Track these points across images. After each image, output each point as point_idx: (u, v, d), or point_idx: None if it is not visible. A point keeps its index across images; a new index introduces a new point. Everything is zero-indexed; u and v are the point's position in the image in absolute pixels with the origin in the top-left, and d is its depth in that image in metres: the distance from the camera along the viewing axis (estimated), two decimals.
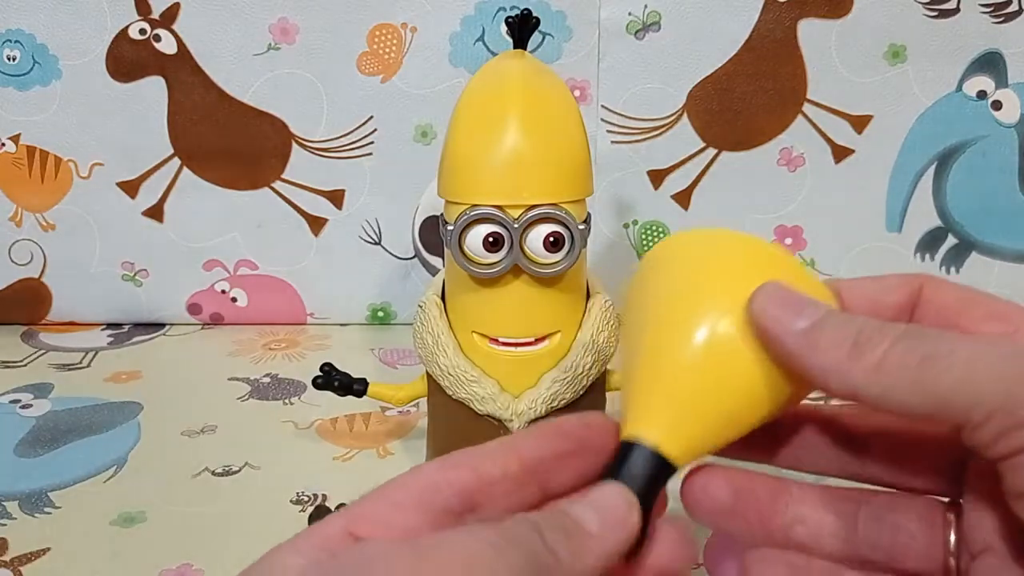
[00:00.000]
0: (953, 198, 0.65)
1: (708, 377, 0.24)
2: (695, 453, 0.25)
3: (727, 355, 0.24)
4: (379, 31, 0.63)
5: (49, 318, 0.71)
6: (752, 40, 0.62)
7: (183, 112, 0.64)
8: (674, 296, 0.25)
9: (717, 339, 0.24)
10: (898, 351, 0.22)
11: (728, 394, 0.24)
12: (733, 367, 0.24)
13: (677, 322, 0.25)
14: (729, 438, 0.25)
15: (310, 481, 0.46)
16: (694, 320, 0.24)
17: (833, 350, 0.23)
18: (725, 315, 0.24)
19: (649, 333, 0.25)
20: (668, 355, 0.25)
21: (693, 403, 0.24)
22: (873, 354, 0.22)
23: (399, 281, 0.69)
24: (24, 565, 0.40)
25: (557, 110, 0.39)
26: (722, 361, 0.24)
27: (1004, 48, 0.62)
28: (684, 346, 0.24)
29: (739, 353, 0.24)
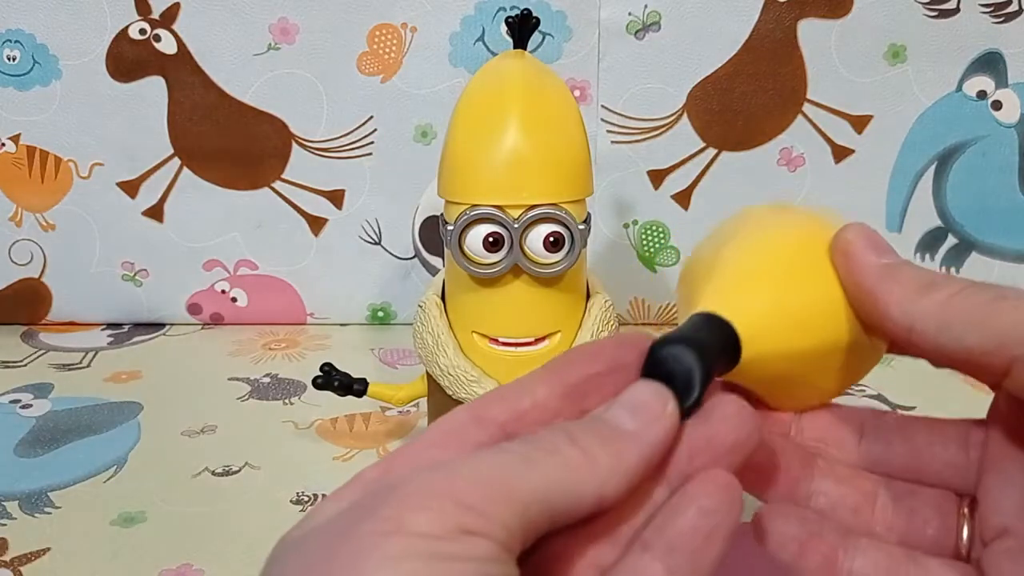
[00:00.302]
0: (953, 198, 0.65)
1: (792, 271, 0.25)
2: (760, 330, 0.24)
3: (814, 262, 0.25)
4: (379, 31, 0.63)
5: (49, 318, 0.71)
6: (752, 40, 0.62)
7: (183, 112, 0.64)
8: (765, 223, 0.26)
9: (809, 246, 0.25)
10: (967, 293, 0.22)
11: (805, 296, 0.24)
12: (816, 275, 0.25)
13: (770, 230, 0.26)
14: (789, 347, 0.24)
15: (310, 481, 0.46)
16: (788, 231, 0.26)
17: (906, 283, 0.23)
18: (817, 238, 0.25)
19: (738, 238, 0.26)
20: (758, 244, 0.25)
21: (771, 285, 0.24)
22: (942, 293, 0.23)
23: (399, 281, 0.69)
24: (24, 565, 0.40)
25: (557, 110, 0.39)
26: (808, 264, 0.25)
27: (1004, 48, 0.62)
28: (776, 240, 0.25)
29: (824, 269, 0.25)
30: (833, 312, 0.25)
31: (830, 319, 0.25)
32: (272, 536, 0.22)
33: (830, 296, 0.25)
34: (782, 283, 0.24)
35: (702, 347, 0.22)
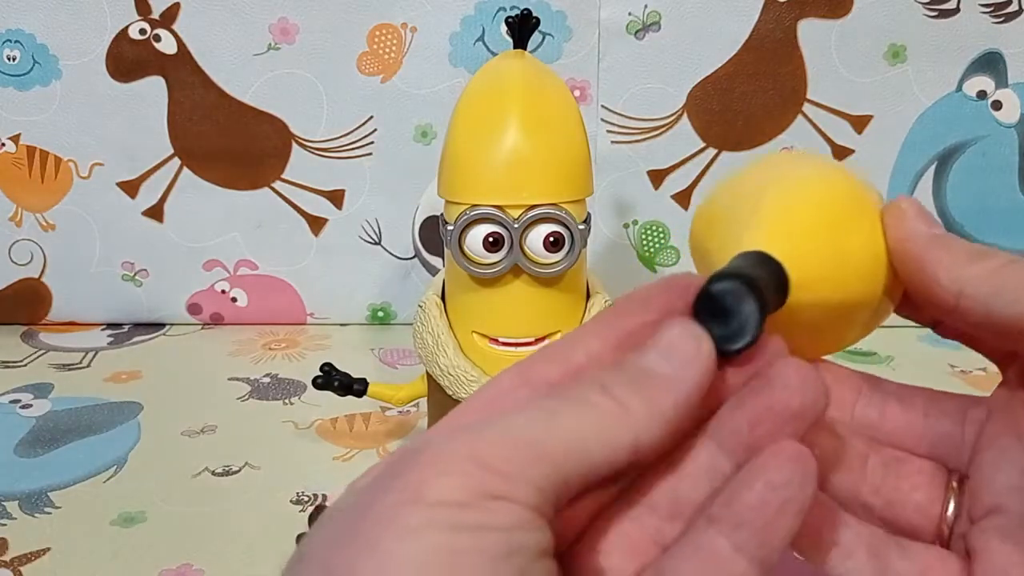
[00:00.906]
0: (953, 198, 0.65)
1: (841, 220, 0.24)
2: (809, 276, 0.23)
3: (860, 215, 0.25)
4: (379, 31, 0.63)
5: (49, 318, 0.71)
6: (752, 40, 0.62)
7: (183, 112, 0.64)
8: (803, 170, 0.26)
9: (854, 198, 0.25)
10: (1018, 264, 0.23)
11: (853, 248, 0.24)
12: (863, 228, 0.25)
13: (812, 176, 0.26)
14: (831, 297, 0.24)
15: (310, 481, 0.46)
16: (831, 180, 0.26)
17: (956, 252, 0.23)
18: (858, 191, 0.25)
19: (780, 181, 0.26)
20: (805, 189, 0.25)
21: (824, 232, 0.24)
22: (992, 262, 0.23)
23: (399, 281, 0.69)
24: (24, 565, 0.40)
25: (557, 110, 0.39)
26: (855, 216, 0.25)
27: (1004, 48, 0.62)
28: (823, 187, 0.25)
29: (869, 223, 0.25)
30: (874, 268, 0.25)
31: (871, 275, 0.25)
32: (272, 536, 0.22)
33: (874, 252, 0.25)
34: (833, 231, 0.24)
35: (758, 285, 0.21)
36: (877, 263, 0.25)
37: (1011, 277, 0.22)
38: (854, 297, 0.25)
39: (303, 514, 0.42)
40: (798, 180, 0.26)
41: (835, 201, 0.25)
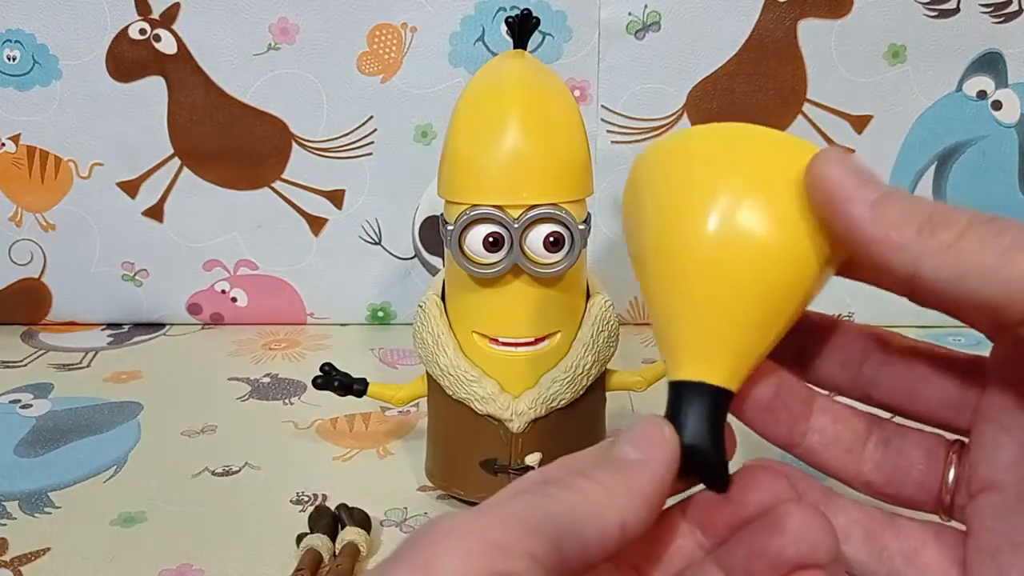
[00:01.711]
0: (953, 198, 0.65)
1: (728, 285, 0.23)
2: (740, 370, 0.24)
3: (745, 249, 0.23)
4: (379, 31, 0.63)
5: (49, 318, 0.71)
6: (752, 40, 0.62)
7: (183, 112, 0.64)
8: (673, 203, 0.24)
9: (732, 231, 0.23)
10: (976, 234, 0.20)
11: (756, 294, 0.23)
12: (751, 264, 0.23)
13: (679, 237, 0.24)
14: (776, 331, 0.24)
15: (310, 481, 0.46)
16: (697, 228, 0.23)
17: (903, 225, 0.21)
18: (738, 202, 0.23)
19: (652, 258, 0.25)
20: (679, 281, 0.24)
21: (720, 322, 0.23)
22: (947, 233, 0.21)
23: (399, 281, 0.69)
24: (24, 565, 0.40)
25: (557, 110, 0.39)
26: (740, 258, 0.23)
27: (1004, 48, 0.62)
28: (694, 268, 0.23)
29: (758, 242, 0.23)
30: (804, 280, 0.23)
31: (802, 288, 0.24)
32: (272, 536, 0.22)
33: (799, 269, 0.23)
34: (752, 320, 0.23)
35: (716, 434, 0.24)
36: (808, 270, 0.23)
37: (971, 259, 0.20)
38: (798, 313, 0.24)
39: (303, 514, 0.42)
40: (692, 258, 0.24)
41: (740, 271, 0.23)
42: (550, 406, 0.41)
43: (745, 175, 0.24)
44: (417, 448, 0.47)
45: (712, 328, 0.24)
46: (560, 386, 0.41)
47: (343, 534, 0.40)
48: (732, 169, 0.24)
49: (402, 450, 0.50)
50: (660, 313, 0.25)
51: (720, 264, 0.23)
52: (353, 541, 0.39)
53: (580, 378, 0.41)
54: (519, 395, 0.41)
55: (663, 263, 0.24)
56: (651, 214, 0.25)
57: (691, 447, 0.23)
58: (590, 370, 0.41)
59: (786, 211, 0.23)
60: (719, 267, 0.23)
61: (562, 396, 0.41)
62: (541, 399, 0.40)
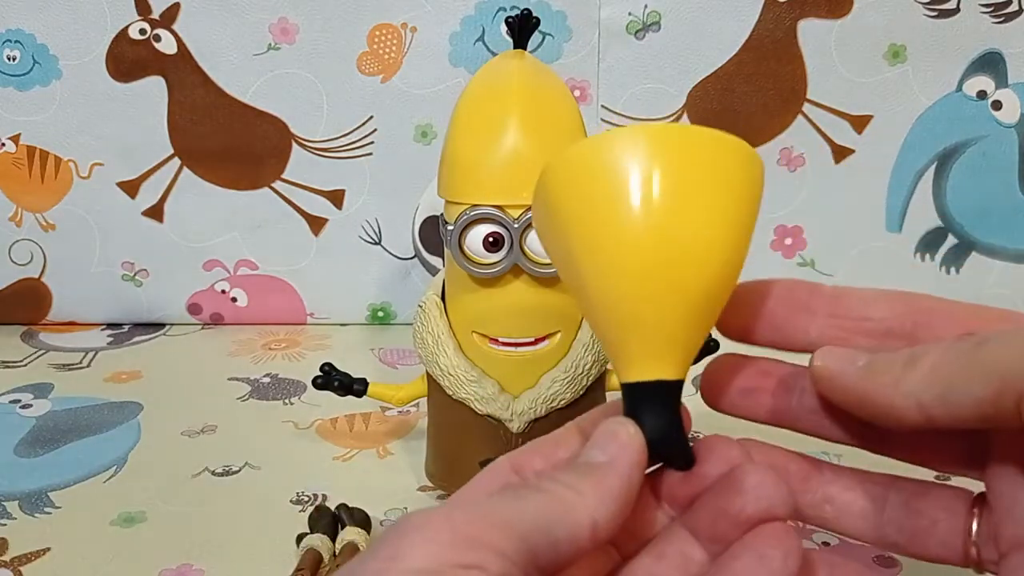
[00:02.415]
0: (953, 198, 0.65)
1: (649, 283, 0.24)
2: (688, 359, 0.25)
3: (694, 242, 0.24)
4: (379, 31, 0.63)
5: (49, 318, 0.71)
6: (752, 40, 0.62)
7: (183, 112, 0.64)
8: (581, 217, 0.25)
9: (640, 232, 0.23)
10: (949, 350, 0.23)
11: (696, 290, 0.24)
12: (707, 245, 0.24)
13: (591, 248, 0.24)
14: (715, 316, 0.25)
15: (310, 481, 0.46)
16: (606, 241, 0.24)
17: (889, 369, 0.23)
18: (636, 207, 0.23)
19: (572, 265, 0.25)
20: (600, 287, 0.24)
21: (665, 321, 0.24)
22: (926, 359, 0.23)
23: (399, 281, 0.69)
24: (24, 565, 0.40)
25: (557, 110, 0.39)
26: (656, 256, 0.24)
27: (1004, 48, 0.62)
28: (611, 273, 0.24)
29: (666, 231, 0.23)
30: (736, 265, 0.25)
31: (735, 272, 0.25)
32: (272, 536, 0.22)
33: (732, 257, 0.24)
34: (695, 313, 0.24)
35: (678, 423, 0.25)
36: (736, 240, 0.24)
37: (952, 368, 0.22)
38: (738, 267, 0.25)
39: (303, 514, 0.42)
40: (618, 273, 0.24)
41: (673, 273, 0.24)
42: (550, 406, 0.41)
43: (670, 173, 0.24)
44: (417, 448, 0.47)
45: (658, 328, 0.24)
46: (560, 386, 0.41)
47: (343, 534, 0.40)
48: (656, 169, 0.24)
49: (402, 450, 0.50)
50: (601, 319, 0.25)
51: (658, 266, 0.24)
52: (353, 541, 0.39)
53: (580, 378, 0.41)
54: (519, 395, 0.41)
55: (598, 270, 0.24)
56: (578, 223, 0.25)
57: (657, 441, 0.24)
58: (590, 370, 0.41)
59: (713, 203, 0.24)
60: (657, 269, 0.24)
61: (562, 396, 0.41)
62: (541, 399, 0.40)
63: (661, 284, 0.24)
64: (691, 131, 0.25)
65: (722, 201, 0.24)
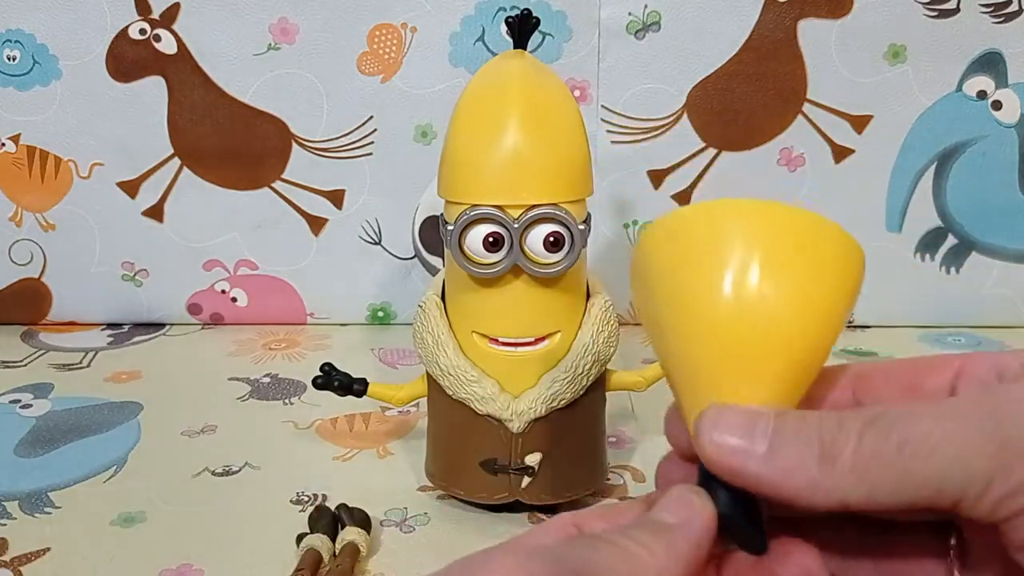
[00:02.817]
0: (953, 198, 0.65)
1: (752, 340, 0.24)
2: None
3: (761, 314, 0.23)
4: (379, 31, 0.63)
5: (49, 318, 0.71)
6: (752, 40, 0.62)
7: (183, 112, 0.64)
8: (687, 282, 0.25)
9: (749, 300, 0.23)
10: (869, 445, 0.21)
11: (778, 362, 0.24)
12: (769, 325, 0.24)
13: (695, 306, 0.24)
14: (799, 393, 0.25)
15: (310, 481, 0.46)
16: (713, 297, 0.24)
17: (803, 467, 0.22)
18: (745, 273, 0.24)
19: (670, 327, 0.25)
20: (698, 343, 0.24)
21: (746, 392, 0.24)
22: (844, 455, 0.22)
23: (399, 281, 0.69)
24: (24, 565, 0.40)
25: (557, 110, 0.39)
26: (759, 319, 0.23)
27: (1004, 48, 0.62)
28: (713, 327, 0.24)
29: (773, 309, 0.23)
30: (822, 339, 0.24)
31: (819, 347, 0.24)
32: (272, 536, 0.22)
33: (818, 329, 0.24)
34: (776, 386, 0.24)
35: (749, 503, 0.24)
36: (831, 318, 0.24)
37: (874, 469, 0.21)
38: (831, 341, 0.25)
39: (303, 514, 0.42)
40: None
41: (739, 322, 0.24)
42: (550, 406, 0.41)
43: (766, 253, 0.24)
44: (417, 448, 0.47)
45: (738, 398, 0.24)
46: (560, 386, 0.41)
47: (343, 534, 0.40)
48: (754, 248, 0.24)
49: (402, 450, 0.50)
50: (685, 388, 0.25)
51: (739, 345, 0.24)
52: (353, 541, 0.39)
53: (580, 378, 0.41)
54: (519, 395, 0.41)
55: (685, 338, 0.25)
56: (664, 292, 0.25)
57: (726, 516, 0.24)
58: (590, 370, 0.41)
59: (805, 290, 0.24)
60: (738, 348, 0.24)
61: (562, 396, 0.41)
62: (541, 399, 0.40)
63: (739, 363, 0.24)
64: (796, 214, 0.25)
65: (814, 289, 0.24)
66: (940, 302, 0.67)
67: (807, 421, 0.23)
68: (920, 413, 0.22)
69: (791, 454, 0.22)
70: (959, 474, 0.21)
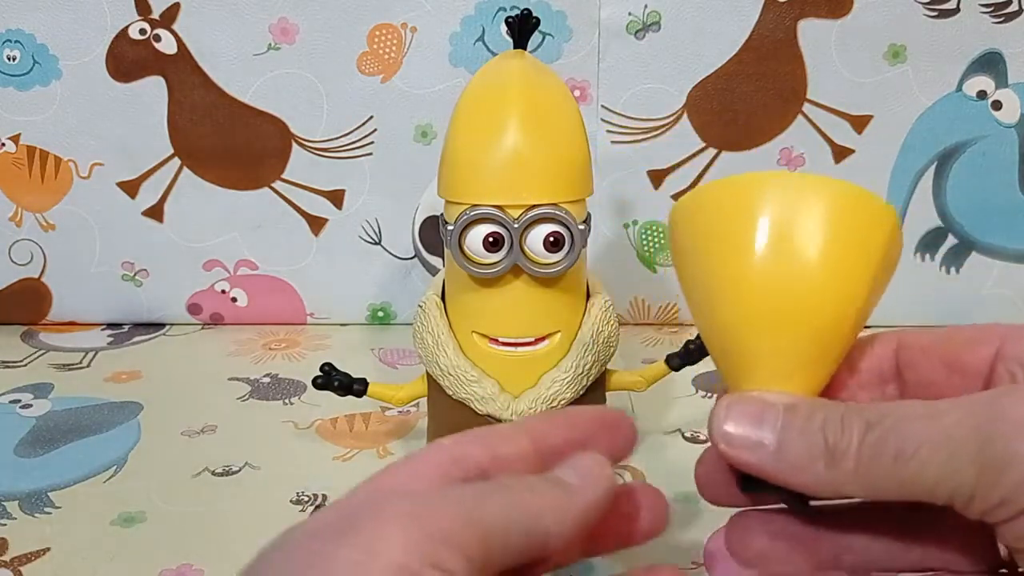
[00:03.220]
0: (953, 198, 0.65)
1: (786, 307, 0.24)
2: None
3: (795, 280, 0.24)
4: (379, 31, 0.63)
5: (49, 318, 0.71)
6: (752, 40, 0.62)
7: (183, 112, 0.64)
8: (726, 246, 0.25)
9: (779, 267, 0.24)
10: (868, 452, 0.23)
11: (809, 329, 0.24)
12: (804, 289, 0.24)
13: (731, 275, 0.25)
14: (834, 356, 0.25)
15: (310, 481, 0.46)
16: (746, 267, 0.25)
17: (810, 465, 0.23)
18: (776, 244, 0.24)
19: (705, 290, 0.26)
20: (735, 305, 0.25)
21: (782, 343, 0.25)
22: (847, 459, 0.23)
23: (399, 281, 0.69)
24: (24, 565, 0.40)
25: (557, 110, 0.39)
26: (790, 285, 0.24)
27: (1004, 48, 0.62)
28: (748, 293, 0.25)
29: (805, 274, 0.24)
30: (852, 310, 0.25)
31: (851, 317, 0.25)
32: (272, 536, 0.22)
33: (848, 300, 0.25)
34: (809, 351, 0.25)
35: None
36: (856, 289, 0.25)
37: (873, 472, 0.23)
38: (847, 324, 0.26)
39: (303, 514, 0.42)
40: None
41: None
42: (550, 406, 0.41)
43: (782, 213, 0.25)
44: (417, 448, 0.47)
45: (770, 361, 0.25)
46: (560, 386, 0.41)
47: None
48: (770, 209, 0.25)
49: (402, 450, 0.50)
50: (719, 350, 0.26)
51: (770, 309, 0.24)
52: None
53: (580, 378, 0.41)
54: (519, 395, 0.41)
55: (716, 313, 0.25)
56: (698, 262, 0.26)
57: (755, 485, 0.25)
58: (590, 370, 0.41)
59: (824, 244, 0.24)
60: (769, 311, 0.24)
61: (562, 396, 0.41)
62: (541, 399, 0.40)
63: (768, 329, 0.24)
64: (835, 185, 0.25)
65: (843, 255, 0.25)
66: (940, 302, 0.67)
67: (813, 419, 0.24)
68: (915, 424, 0.23)
69: (799, 452, 0.24)
70: (948, 484, 0.22)
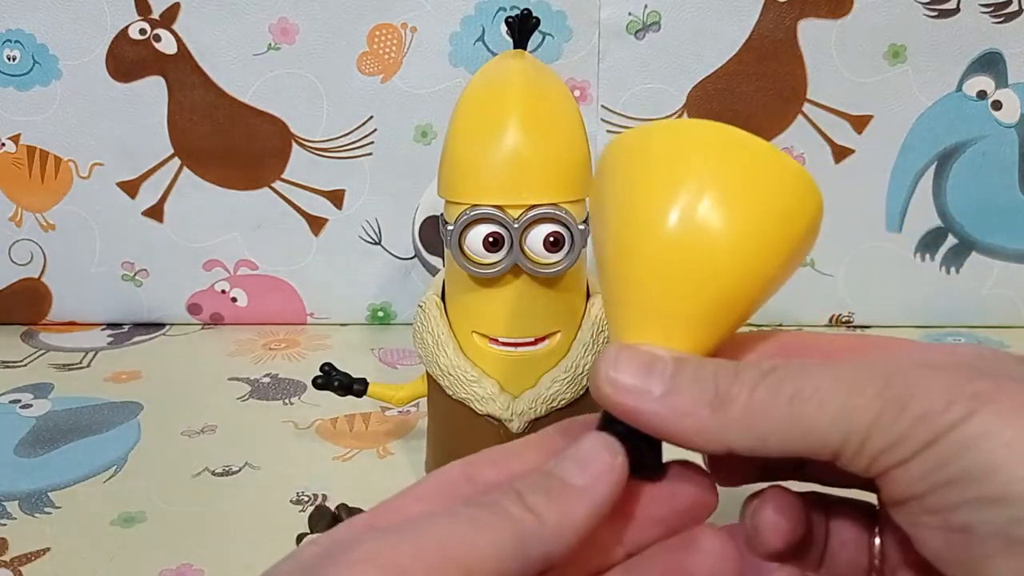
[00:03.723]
0: (953, 198, 0.65)
1: (683, 265, 0.23)
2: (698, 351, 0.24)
3: (700, 235, 0.23)
4: (379, 31, 0.63)
5: (49, 318, 0.71)
6: (752, 40, 0.62)
7: (183, 112, 0.64)
8: (633, 192, 0.24)
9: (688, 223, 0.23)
10: (761, 395, 0.21)
11: (708, 293, 0.23)
12: (709, 248, 0.23)
13: (639, 218, 0.24)
14: (728, 327, 0.24)
15: (310, 481, 0.46)
16: (657, 212, 0.23)
17: (696, 411, 0.22)
18: (692, 197, 0.23)
19: (612, 238, 0.25)
20: (636, 253, 0.24)
21: (674, 300, 0.23)
22: (737, 404, 0.21)
23: (399, 281, 0.69)
24: (24, 565, 0.40)
25: (557, 110, 0.39)
26: (696, 241, 0.23)
27: (1004, 48, 0.62)
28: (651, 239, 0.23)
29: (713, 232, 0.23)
30: (758, 278, 0.24)
31: (755, 286, 0.24)
32: (272, 536, 0.22)
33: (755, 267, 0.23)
34: (704, 317, 0.24)
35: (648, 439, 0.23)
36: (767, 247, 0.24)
37: (763, 417, 0.21)
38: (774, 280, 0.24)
39: (303, 514, 0.42)
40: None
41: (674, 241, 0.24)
42: (550, 406, 0.41)
43: (702, 174, 0.24)
44: (417, 448, 0.47)
45: (669, 320, 0.24)
46: (560, 386, 0.41)
47: None
48: (690, 168, 0.24)
49: (402, 450, 0.50)
50: (613, 298, 0.25)
51: (673, 263, 0.23)
52: None
53: (580, 378, 0.41)
54: (519, 395, 0.41)
55: (620, 261, 0.24)
56: (612, 206, 0.25)
57: (636, 460, 0.23)
58: (590, 370, 0.41)
59: (742, 210, 0.23)
60: (672, 266, 0.23)
61: (562, 396, 0.41)
62: (541, 399, 0.40)
63: (670, 285, 0.23)
64: (759, 148, 0.24)
65: (757, 225, 0.23)
66: (940, 302, 0.67)
67: (705, 368, 0.22)
68: (815, 368, 0.22)
69: (685, 399, 0.22)
70: (842, 426, 0.21)
